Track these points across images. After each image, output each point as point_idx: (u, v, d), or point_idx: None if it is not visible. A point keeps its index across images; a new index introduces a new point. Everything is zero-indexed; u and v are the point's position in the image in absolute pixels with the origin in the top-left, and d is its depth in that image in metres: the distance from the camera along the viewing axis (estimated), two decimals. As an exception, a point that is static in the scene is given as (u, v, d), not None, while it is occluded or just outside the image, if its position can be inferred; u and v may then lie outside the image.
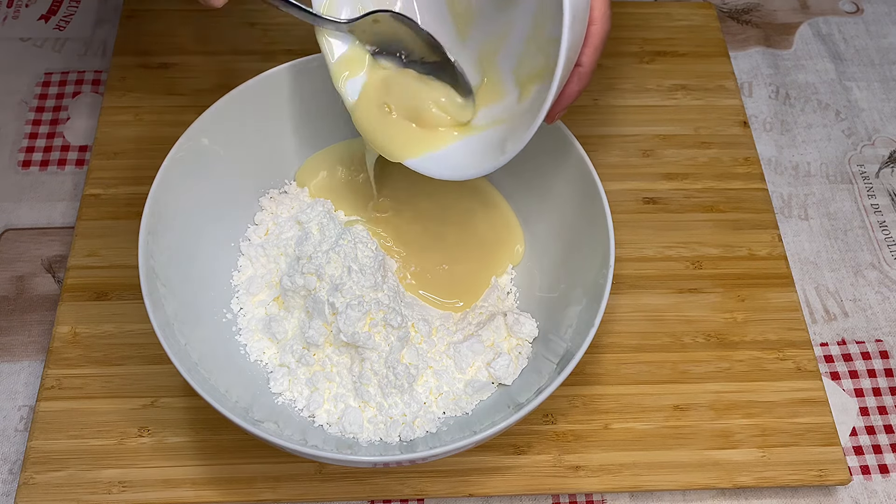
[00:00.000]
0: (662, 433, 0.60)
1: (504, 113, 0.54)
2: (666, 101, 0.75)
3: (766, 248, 0.68)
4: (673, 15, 0.80)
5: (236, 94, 0.61)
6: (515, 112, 0.54)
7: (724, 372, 0.62)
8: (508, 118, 0.54)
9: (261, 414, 0.54)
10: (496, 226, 0.64)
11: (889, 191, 0.73)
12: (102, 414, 0.59)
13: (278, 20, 0.76)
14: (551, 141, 0.61)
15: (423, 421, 0.56)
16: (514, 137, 0.50)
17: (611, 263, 0.55)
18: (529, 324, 0.59)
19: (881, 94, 0.78)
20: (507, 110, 0.54)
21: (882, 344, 0.66)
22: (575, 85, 0.50)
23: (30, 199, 0.69)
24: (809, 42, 0.81)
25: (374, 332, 0.56)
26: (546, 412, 0.60)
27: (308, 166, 0.65)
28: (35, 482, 0.56)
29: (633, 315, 0.64)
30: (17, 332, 0.64)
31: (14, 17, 0.79)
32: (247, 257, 0.62)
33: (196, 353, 0.54)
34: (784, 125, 0.76)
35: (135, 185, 0.67)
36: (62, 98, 0.74)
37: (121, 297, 0.63)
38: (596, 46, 0.49)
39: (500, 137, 0.53)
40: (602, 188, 0.58)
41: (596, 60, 0.50)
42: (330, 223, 0.61)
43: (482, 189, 0.65)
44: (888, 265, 0.69)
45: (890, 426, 0.63)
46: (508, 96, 0.54)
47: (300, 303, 0.59)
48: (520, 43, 0.53)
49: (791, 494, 0.60)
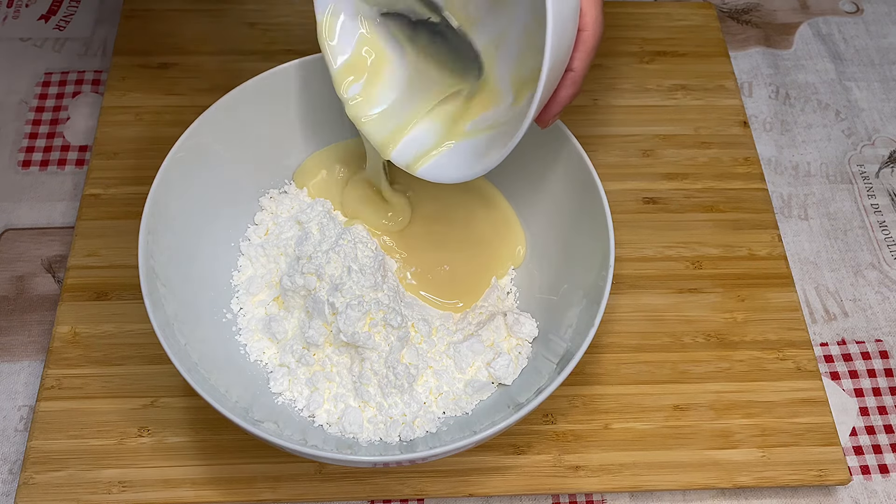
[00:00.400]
0: (662, 433, 0.60)
1: (499, 118, 0.54)
2: (666, 101, 0.75)
3: (766, 248, 0.68)
4: (673, 15, 0.80)
5: (236, 94, 0.61)
6: (509, 117, 0.54)
7: (724, 372, 0.62)
8: (502, 123, 0.54)
9: (261, 414, 0.54)
10: (497, 226, 0.64)
11: (889, 191, 0.73)
12: (102, 414, 0.59)
13: (278, 20, 0.76)
14: (551, 141, 0.61)
15: (422, 421, 0.56)
16: (500, 143, 0.51)
17: (611, 263, 0.55)
18: (529, 324, 0.59)
19: (881, 94, 0.78)
20: (502, 115, 0.54)
21: (882, 344, 0.66)
22: (567, 90, 0.50)
23: (30, 198, 0.69)
24: (809, 42, 0.81)
25: (374, 332, 0.56)
26: (546, 412, 0.60)
27: (306, 167, 0.65)
28: (35, 482, 0.56)
29: (633, 315, 0.64)
30: (16, 331, 0.64)
31: (14, 16, 0.79)
32: (247, 257, 0.62)
33: (196, 353, 0.54)
34: (784, 125, 0.76)
35: (135, 185, 0.67)
36: (62, 98, 0.74)
37: (121, 297, 0.63)
38: (587, 51, 0.49)
39: (491, 142, 0.53)
40: (602, 188, 0.58)
41: (588, 65, 0.50)
42: (330, 223, 0.61)
43: (483, 189, 0.65)
44: (888, 265, 0.69)
45: (890, 426, 0.63)
46: (503, 102, 0.55)
47: (300, 303, 0.59)
48: (515, 48, 0.54)
49: (791, 494, 0.60)
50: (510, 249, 0.64)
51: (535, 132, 0.62)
